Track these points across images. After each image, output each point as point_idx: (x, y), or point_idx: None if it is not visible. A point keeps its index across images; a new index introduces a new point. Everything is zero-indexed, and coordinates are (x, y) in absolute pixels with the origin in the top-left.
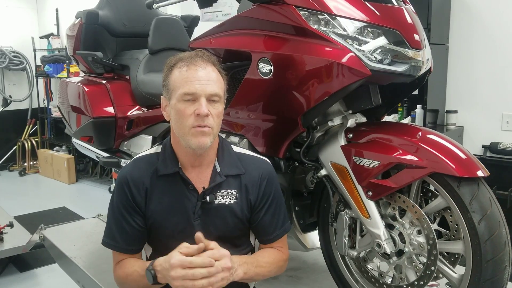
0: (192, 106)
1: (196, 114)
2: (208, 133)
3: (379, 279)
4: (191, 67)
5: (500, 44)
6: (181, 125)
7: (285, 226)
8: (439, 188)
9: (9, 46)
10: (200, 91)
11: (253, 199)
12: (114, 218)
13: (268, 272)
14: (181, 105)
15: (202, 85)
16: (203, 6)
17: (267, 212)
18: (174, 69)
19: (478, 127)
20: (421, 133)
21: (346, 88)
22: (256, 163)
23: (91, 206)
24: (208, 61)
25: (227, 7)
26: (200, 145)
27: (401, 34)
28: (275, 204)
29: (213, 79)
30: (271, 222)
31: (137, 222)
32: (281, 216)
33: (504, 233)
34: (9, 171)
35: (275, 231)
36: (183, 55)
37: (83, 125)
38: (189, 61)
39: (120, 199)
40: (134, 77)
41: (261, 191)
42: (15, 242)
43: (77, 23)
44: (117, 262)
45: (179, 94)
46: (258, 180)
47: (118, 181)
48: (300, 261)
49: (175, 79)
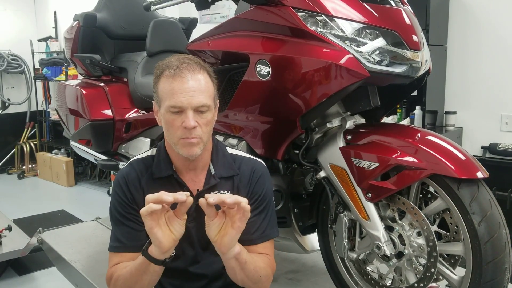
0: (179, 118)
1: (183, 126)
2: (196, 143)
3: (379, 281)
4: (176, 78)
5: (498, 45)
6: (170, 135)
7: (271, 231)
8: (438, 189)
9: (7, 49)
10: (186, 104)
11: (244, 195)
12: (114, 220)
13: (253, 271)
14: (169, 117)
15: (188, 98)
16: (201, 8)
17: (253, 212)
18: (161, 78)
19: (477, 128)
20: (420, 134)
21: (344, 90)
22: (249, 163)
23: (90, 209)
24: (195, 69)
25: (225, 9)
26: (189, 155)
27: (400, 35)
28: (264, 205)
29: (201, 88)
30: (255, 222)
31: (137, 219)
32: (267, 218)
33: (504, 235)
34: (7, 174)
35: (257, 232)
36: (169, 62)
37: (81, 128)
38: (175, 71)
39: (119, 199)
40: (132, 79)
41: (250, 189)
42: (13, 246)
43: (75, 25)
44: (112, 265)
45: (166, 106)
46: (249, 179)
47: (115, 183)
48: (299, 264)
49: (162, 90)
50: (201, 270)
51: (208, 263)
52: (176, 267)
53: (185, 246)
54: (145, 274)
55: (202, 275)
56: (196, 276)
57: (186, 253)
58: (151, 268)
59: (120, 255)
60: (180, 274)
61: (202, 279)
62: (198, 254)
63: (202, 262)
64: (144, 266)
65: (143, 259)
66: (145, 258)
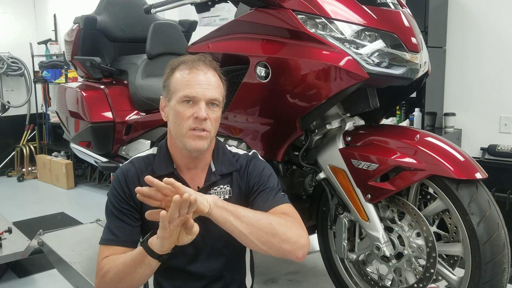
0: (191, 108)
1: (195, 117)
2: (205, 137)
3: (379, 282)
4: (193, 70)
5: (497, 47)
6: (179, 127)
7: (283, 198)
8: (437, 190)
9: (7, 52)
10: (201, 95)
11: (244, 188)
12: (111, 215)
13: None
14: (181, 107)
15: (203, 89)
16: (201, 11)
17: (259, 193)
18: (176, 71)
19: (476, 129)
20: (419, 135)
21: (344, 91)
22: (245, 157)
23: (89, 211)
24: (210, 66)
25: (225, 12)
26: (196, 148)
27: (399, 37)
28: (265, 184)
29: (214, 84)
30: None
31: (133, 215)
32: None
33: (503, 235)
34: (7, 176)
35: (267, 202)
36: (185, 58)
37: (81, 130)
38: (192, 64)
39: (117, 194)
40: (132, 82)
41: (248, 177)
42: (13, 248)
43: (75, 28)
44: (103, 258)
45: (179, 96)
46: (246, 168)
47: (114, 178)
48: (299, 265)
49: (177, 81)
50: (200, 269)
51: (207, 262)
52: (175, 265)
53: (186, 244)
54: (140, 267)
55: (201, 275)
56: (195, 276)
57: (185, 251)
58: (147, 261)
59: (112, 248)
60: (179, 273)
61: (201, 280)
62: (197, 252)
63: (201, 260)
64: (140, 257)
65: (140, 250)
66: (143, 249)
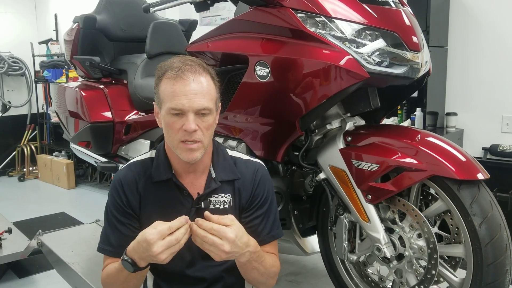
0: (180, 120)
1: (184, 129)
2: (197, 149)
3: (379, 283)
4: (178, 80)
5: (499, 46)
6: (170, 138)
7: (277, 231)
8: (439, 191)
9: (8, 51)
10: (187, 107)
11: (245, 201)
12: (108, 221)
13: (263, 274)
14: (169, 119)
15: (190, 100)
16: (200, 10)
17: (257, 213)
18: (162, 79)
19: (478, 129)
20: (421, 135)
21: (344, 91)
22: (250, 166)
23: (90, 211)
24: (197, 71)
25: (225, 11)
26: (189, 160)
27: (400, 36)
28: (267, 205)
29: (202, 91)
30: (261, 223)
31: (132, 225)
32: (271, 218)
33: (505, 236)
34: (8, 176)
35: (264, 231)
36: (172, 62)
37: (81, 130)
38: (177, 73)
39: (115, 202)
40: (132, 81)
41: (253, 192)
42: (13, 248)
43: (75, 28)
44: (104, 267)
45: (167, 108)
46: (251, 183)
47: (112, 184)
48: (299, 266)
49: (164, 91)
50: (199, 273)
51: (205, 266)
52: (173, 270)
53: (182, 250)
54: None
55: (200, 278)
56: (194, 279)
57: (183, 256)
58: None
59: (109, 258)
60: (178, 277)
61: (201, 283)
62: (195, 258)
63: (198, 265)
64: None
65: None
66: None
